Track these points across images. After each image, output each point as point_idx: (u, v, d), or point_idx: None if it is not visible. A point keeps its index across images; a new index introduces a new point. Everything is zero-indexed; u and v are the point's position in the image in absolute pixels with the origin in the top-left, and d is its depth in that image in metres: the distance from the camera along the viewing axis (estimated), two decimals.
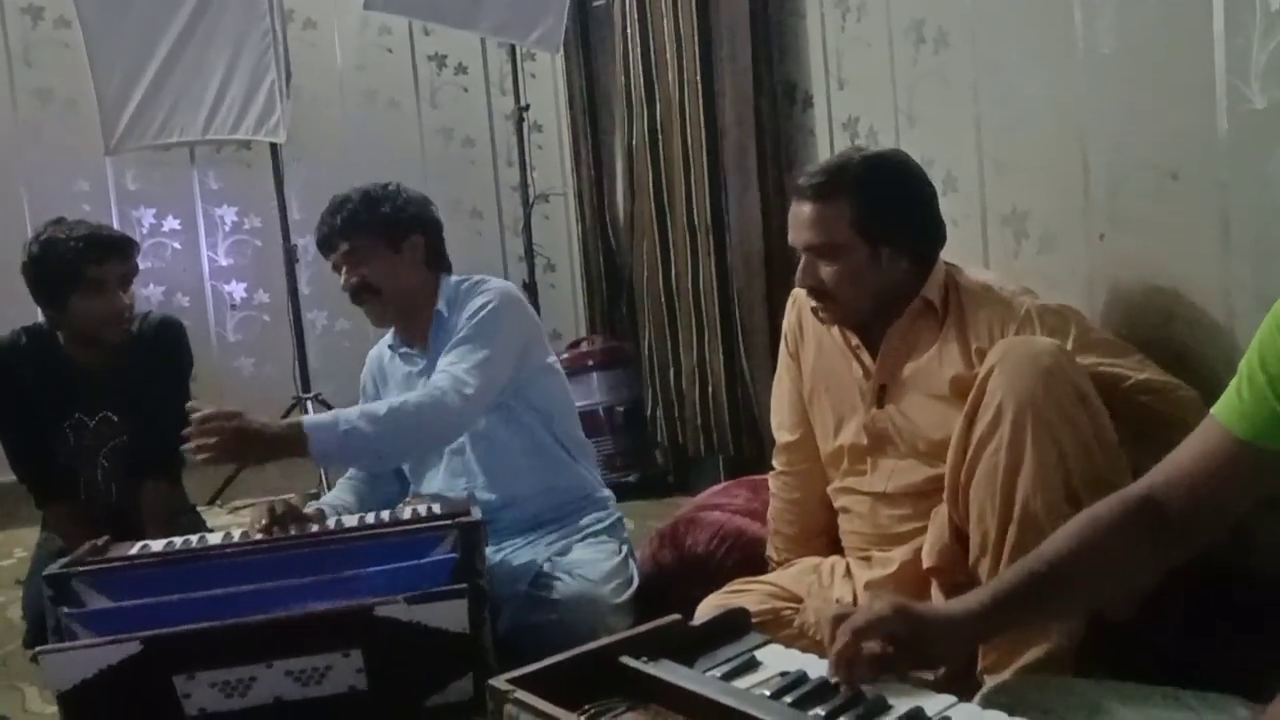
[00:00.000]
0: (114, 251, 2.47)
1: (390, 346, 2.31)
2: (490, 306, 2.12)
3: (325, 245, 2.20)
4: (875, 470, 1.73)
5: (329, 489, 2.55)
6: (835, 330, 1.78)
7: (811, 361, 1.84)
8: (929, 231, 1.70)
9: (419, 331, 2.24)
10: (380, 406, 1.95)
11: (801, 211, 1.66)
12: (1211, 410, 1.11)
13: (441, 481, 2.23)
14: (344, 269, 2.17)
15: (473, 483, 2.19)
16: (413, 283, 2.20)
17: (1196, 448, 1.11)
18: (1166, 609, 1.40)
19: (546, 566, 2.04)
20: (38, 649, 1.61)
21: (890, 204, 1.65)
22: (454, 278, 2.25)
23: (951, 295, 1.67)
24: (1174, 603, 1.39)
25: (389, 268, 2.16)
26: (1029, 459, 1.40)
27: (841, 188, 1.63)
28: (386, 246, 2.15)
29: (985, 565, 1.45)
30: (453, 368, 2.02)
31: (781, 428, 1.92)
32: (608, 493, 2.34)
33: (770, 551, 1.96)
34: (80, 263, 2.40)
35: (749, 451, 3.03)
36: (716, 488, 2.39)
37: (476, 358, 2.04)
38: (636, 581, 2.10)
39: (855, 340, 1.75)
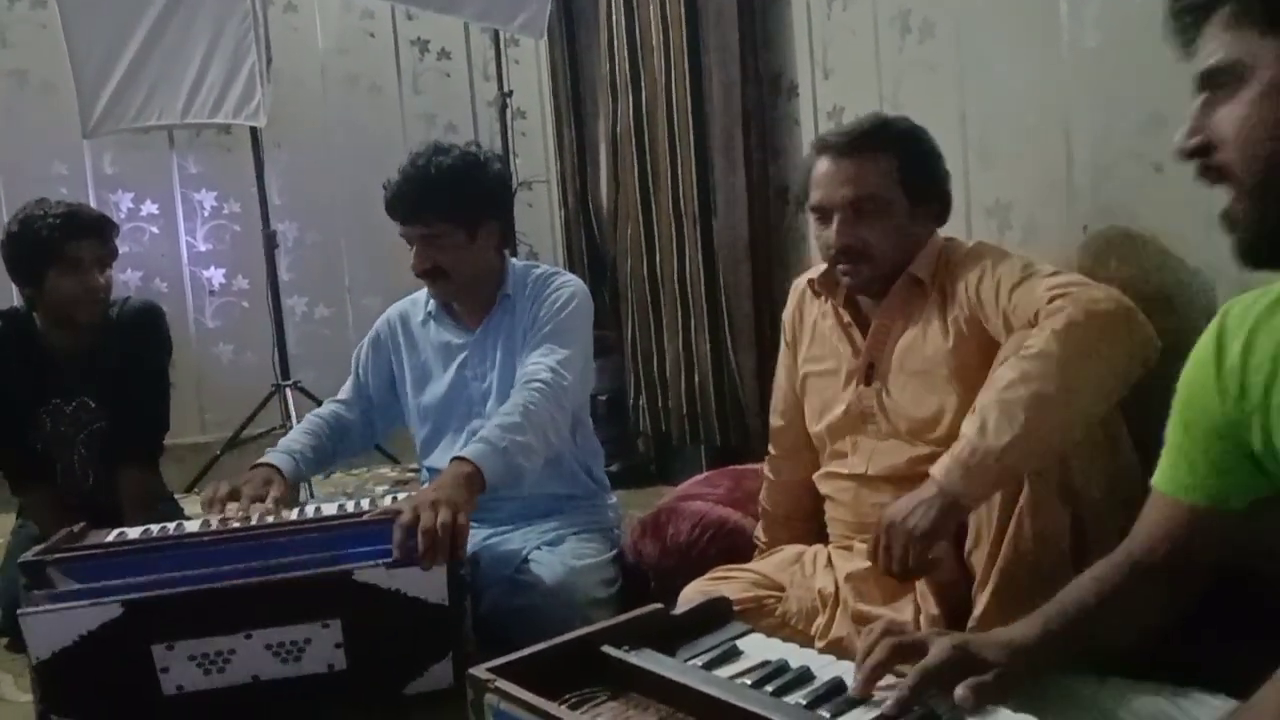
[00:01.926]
0: (91, 230, 2.46)
1: (429, 312, 2.27)
2: (574, 305, 2.15)
3: (402, 218, 2.13)
4: (856, 451, 1.75)
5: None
6: (831, 310, 1.79)
7: (806, 348, 1.86)
8: (948, 200, 1.73)
9: (474, 308, 2.22)
10: (510, 416, 1.92)
11: (841, 167, 1.65)
12: (1153, 483, 1.08)
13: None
14: (416, 247, 2.13)
15: None
16: (482, 267, 2.18)
17: (1158, 526, 1.07)
18: None
19: (533, 553, 2.04)
20: (19, 611, 1.59)
21: (928, 163, 1.69)
22: (520, 263, 2.26)
23: (940, 271, 1.67)
24: None
25: (464, 255, 2.13)
26: None
27: (886, 142, 1.65)
28: (464, 234, 2.12)
29: (980, 556, 1.44)
30: (545, 359, 2.04)
31: (775, 411, 1.98)
32: (614, 499, 2.34)
33: (758, 532, 2.01)
34: (57, 239, 2.40)
35: (733, 440, 3.03)
36: (699, 477, 2.39)
37: (563, 354, 2.06)
38: (619, 583, 2.11)
39: (847, 318, 1.76)
